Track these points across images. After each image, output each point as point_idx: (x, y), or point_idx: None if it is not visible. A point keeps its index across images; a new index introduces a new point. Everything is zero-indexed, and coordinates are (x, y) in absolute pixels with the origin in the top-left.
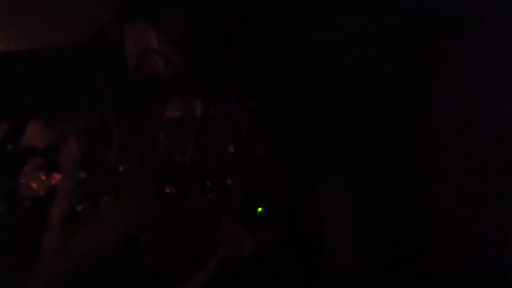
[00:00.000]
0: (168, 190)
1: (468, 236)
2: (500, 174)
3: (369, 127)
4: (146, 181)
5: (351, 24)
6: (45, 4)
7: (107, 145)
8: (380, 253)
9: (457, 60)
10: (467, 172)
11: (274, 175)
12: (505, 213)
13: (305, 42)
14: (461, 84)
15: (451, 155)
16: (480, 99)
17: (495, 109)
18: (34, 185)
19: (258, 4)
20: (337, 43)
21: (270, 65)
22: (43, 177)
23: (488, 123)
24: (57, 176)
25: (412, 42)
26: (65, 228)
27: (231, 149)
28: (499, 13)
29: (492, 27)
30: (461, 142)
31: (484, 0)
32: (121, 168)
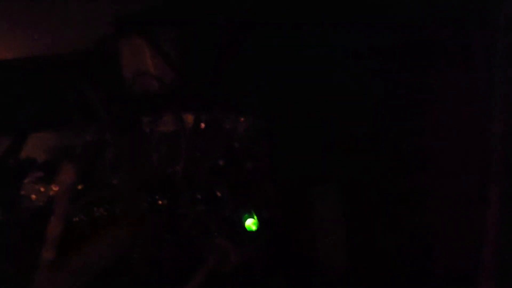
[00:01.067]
0: (160, 202)
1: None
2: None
3: (363, 143)
4: (138, 193)
5: (346, 41)
6: (42, 15)
7: (102, 159)
8: (371, 266)
9: (451, 80)
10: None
11: (263, 188)
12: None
13: (299, 59)
14: (456, 104)
15: (443, 176)
16: (474, 120)
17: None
18: (33, 196)
19: (251, 21)
20: (331, 60)
21: (262, 81)
22: (42, 189)
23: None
24: (55, 188)
25: (404, 61)
26: (62, 240)
27: (221, 162)
28: (494, 29)
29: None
30: (454, 163)
31: (477, 18)
32: (115, 181)
